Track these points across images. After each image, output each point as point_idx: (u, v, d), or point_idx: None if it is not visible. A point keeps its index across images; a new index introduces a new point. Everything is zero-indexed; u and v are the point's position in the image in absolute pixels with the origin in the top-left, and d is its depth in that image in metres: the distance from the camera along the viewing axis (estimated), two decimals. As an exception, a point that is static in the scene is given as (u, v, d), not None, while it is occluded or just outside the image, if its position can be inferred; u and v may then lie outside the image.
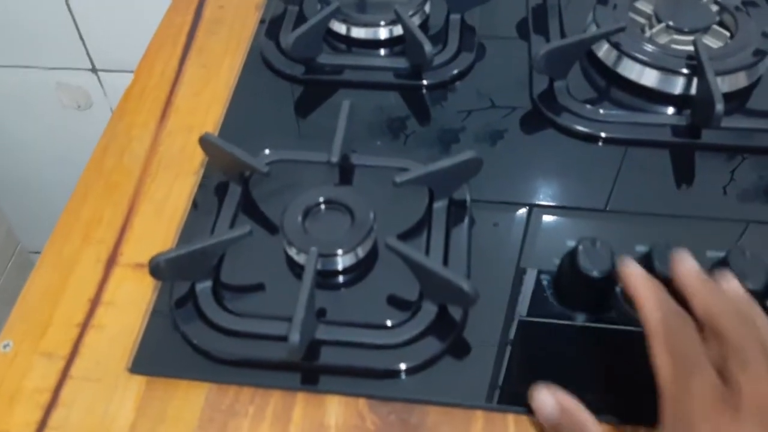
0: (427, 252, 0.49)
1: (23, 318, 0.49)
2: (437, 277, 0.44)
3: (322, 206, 0.49)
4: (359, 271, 0.49)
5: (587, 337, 0.46)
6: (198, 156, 0.57)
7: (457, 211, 0.52)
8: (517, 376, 0.44)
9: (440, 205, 0.51)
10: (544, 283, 0.48)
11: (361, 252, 0.48)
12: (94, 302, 0.49)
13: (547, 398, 0.41)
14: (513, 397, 0.43)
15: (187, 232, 0.52)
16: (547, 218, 0.52)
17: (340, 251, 0.46)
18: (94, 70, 1.07)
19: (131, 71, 0.65)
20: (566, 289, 0.47)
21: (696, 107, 0.56)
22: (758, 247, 0.46)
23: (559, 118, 0.58)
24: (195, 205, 0.54)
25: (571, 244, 0.47)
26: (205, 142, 0.53)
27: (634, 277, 0.41)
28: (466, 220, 0.51)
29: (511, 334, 0.46)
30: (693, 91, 0.58)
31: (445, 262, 0.48)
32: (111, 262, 0.51)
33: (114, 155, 0.59)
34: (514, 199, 0.53)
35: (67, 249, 0.52)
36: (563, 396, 0.41)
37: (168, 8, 0.72)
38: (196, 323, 0.46)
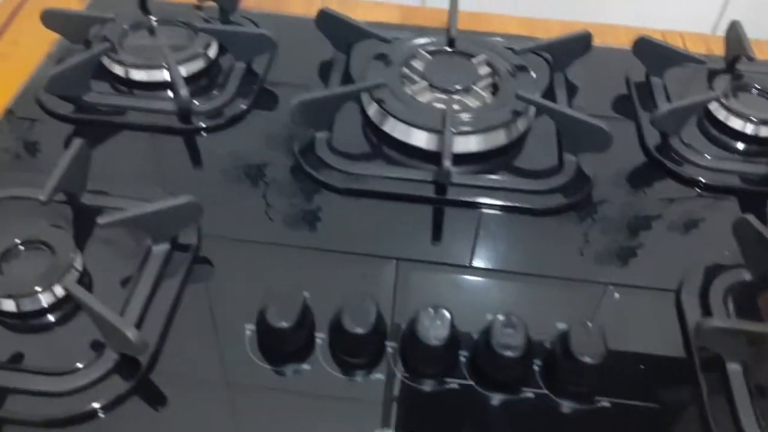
0: (129, 298, 0.47)
1: None
2: (106, 323, 0.42)
3: (22, 246, 0.48)
4: (64, 312, 0.47)
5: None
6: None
7: (180, 256, 0.51)
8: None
9: (159, 249, 0.50)
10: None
11: (59, 291, 0.46)
12: None
13: None
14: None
15: None
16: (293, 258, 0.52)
17: (29, 291, 0.45)
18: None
19: None
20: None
21: (437, 164, 0.57)
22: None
23: (316, 172, 0.58)
24: None
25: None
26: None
27: None
28: (186, 266, 0.50)
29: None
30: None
31: (145, 310, 0.47)
32: None
33: None
34: (250, 238, 0.53)
35: None
36: None
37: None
38: None
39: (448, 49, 0.66)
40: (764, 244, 0.50)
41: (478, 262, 0.53)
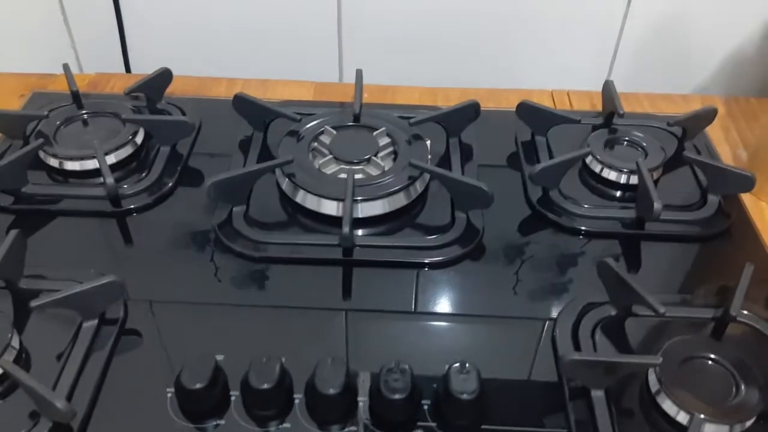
0: (61, 370, 0.53)
1: None
2: (36, 394, 0.48)
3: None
4: (5, 387, 0.52)
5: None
6: None
7: (108, 329, 0.57)
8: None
9: (88, 325, 0.56)
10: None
11: (-2, 371, 0.52)
12: None
13: None
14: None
15: None
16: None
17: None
18: None
19: None
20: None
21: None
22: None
23: (232, 243, 0.64)
24: None
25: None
26: None
27: None
28: (112, 339, 0.56)
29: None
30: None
31: (77, 380, 0.53)
32: None
33: None
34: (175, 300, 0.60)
35: None
36: None
37: None
38: None
39: (352, 124, 0.74)
40: (622, 283, 0.57)
41: (371, 318, 0.60)
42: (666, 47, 0.89)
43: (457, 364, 0.51)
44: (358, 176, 0.67)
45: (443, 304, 0.60)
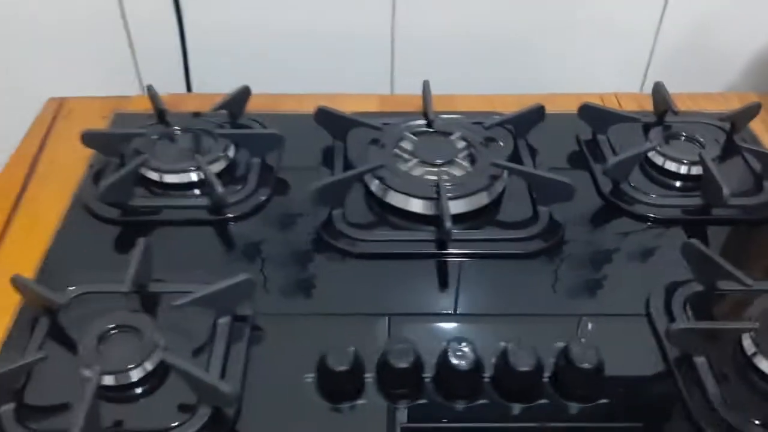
0: (208, 363, 0.57)
1: None
2: (203, 384, 0.52)
3: (114, 330, 0.57)
4: (152, 383, 0.56)
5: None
6: (17, 296, 0.65)
7: (240, 325, 0.61)
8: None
9: (223, 321, 0.60)
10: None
11: (149, 366, 0.56)
12: None
13: None
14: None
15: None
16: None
17: (118, 368, 0.54)
18: None
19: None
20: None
21: (438, 225, 0.69)
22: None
23: (336, 242, 0.69)
24: (9, 337, 0.61)
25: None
26: (16, 282, 0.61)
27: None
28: (247, 333, 0.60)
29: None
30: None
31: (223, 371, 0.57)
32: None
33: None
34: (301, 310, 0.64)
35: None
36: None
37: (5, 165, 0.81)
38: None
39: (429, 130, 0.79)
40: (708, 261, 0.63)
41: (475, 306, 0.65)
42: (699, 49, 0.96)
43: (576, 340, 0.57)
44: (444, 177, 0.72)
45: (541, 291, 0.65)
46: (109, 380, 0.55)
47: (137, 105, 0.91)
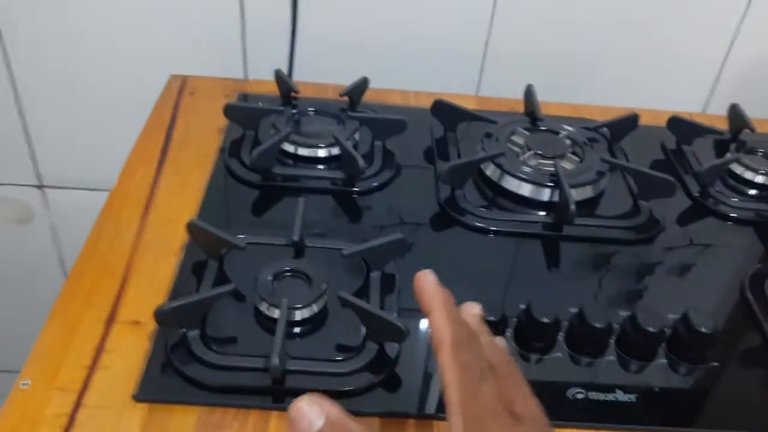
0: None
1: (38, 361, 0.60)
2: (379, 319, 0.59)
3: (287, 273, 0.64)
4: (314, 323, 0.63)
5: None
6: (178, 242, 0.71)
7: (388, 281, 0.68)
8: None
9: (375, 275, 0.67)
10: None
11: (316, 307, 0.63)
12: (99, 349, 0.61)
13: (308, 408, 0.42)
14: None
15: (175, 297, 0.65)
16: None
17: (301, 305, 0.61)
18: (40, 186, 1.17)
19: (77, 188, 0.78)
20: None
21: (558, 210, 0.77)
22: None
23: (462, 217, 0.77)
24: (180, 276, 0.67)
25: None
26: (192, 226, 0.67)
27: (428, 285, 0.46)
28: (396, 289, 0.67)
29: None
30: (555, 198, 0.78)
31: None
32: (110, 320, 0.64)
33: (106, 241, 0.72)
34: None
35: (72, 312, 0.64)
36: (329, 406, 0.43)
37: (141, 132, 0.88)
38: (188, 360, 0.59)
39: (539, 128, 0.87)
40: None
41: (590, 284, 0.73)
42: (763, 80, 1.06)
43: (693, 309, 0.65)
44: (560, 167, 0.81)
45: (647, 272, 0.73)
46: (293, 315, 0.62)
47: (254, 87, 0.98)
